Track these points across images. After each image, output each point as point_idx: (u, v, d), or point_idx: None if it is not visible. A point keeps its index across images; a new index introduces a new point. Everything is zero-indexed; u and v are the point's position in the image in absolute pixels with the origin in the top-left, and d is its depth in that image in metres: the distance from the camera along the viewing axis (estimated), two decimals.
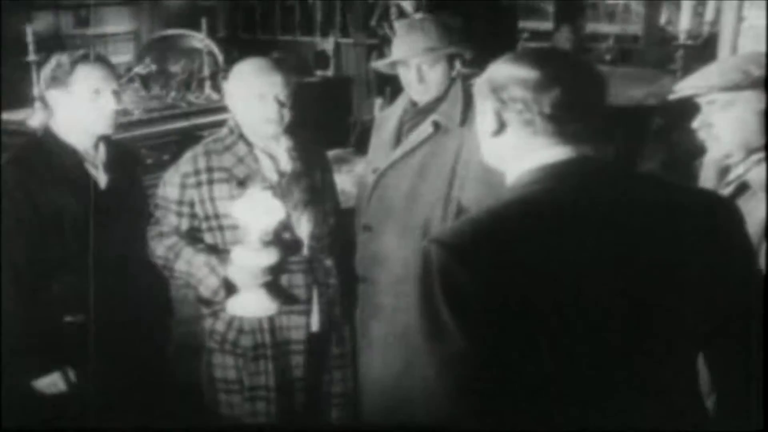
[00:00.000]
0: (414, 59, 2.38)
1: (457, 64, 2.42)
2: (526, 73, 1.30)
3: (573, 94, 1.29)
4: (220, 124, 2.44)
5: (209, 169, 2.29)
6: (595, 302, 1.22)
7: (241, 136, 2.32)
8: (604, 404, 1.26)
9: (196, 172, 2.29)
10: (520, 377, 1.20)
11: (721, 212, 1.35)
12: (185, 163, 2.32)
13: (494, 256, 1.20)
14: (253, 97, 2.25)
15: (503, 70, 1.34)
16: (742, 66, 1.91)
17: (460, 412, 1.23)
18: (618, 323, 1.24)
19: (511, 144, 1.34)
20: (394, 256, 2.40)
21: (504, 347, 1.19)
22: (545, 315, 1.20)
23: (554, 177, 1.29)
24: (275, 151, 2.35)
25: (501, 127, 1.34)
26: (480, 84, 1.38)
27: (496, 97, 1.33)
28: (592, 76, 1.35)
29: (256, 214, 2.15)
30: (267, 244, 2.18)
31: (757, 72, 1.88)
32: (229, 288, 2.26)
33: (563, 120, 1.29)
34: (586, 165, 1.31)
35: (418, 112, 2.45)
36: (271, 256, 2.19)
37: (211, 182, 2.29)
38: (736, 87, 1.89)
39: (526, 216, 1.25)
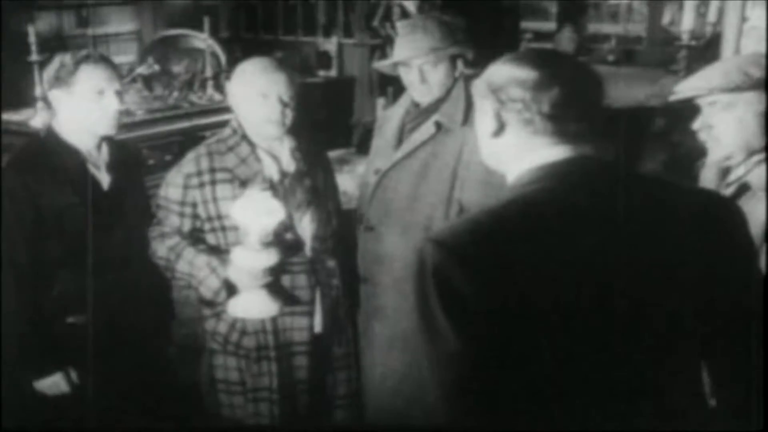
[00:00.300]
0: (416, 60, 2.38)
1: (460, 65, 2.41)
2: (525, 73, 1.31)
3: (571, 93, 1.30)
4: (223, 124, 2.43)
5: (212, 170, 2.28)
6: (593, 302, 1.22)
7: (244, 137, 2.31)
8: (604, 404, 1.26)
9: (199, 173, 2.28)
10: (516, 377, 1.20)
11: (722, 213, 1.36)
12: (188, 163, 2.31)
13: (491, 255, 1.21)
14: (256, 96, 2.24)
15: (502, 71, 1.35)
16: (743, 67, 1.91)
17: (457, 412, 1.23)
18: (617, 323, 1.24)
19: (511, 144, 1.34)
20: (396, 257, 2.40)
21: (500, 347, 1.19)
22: (543, 315, 1.20)
23: (554, 176, 1.29)
24: (278, 152, 2.34)
25: (500, 127, 1.34)
26: (479, 85, 1.39)
27: (495, 97, 1.33)
28: (589, 77, 1.36)
29: (255, 215, 2.14)
30: (267, 245, 2.17)
31: (758, 73, 1.88)
32: (231, 289, 2.25)
33: (562, 119, 1.29)
34: (586, 164, 1.31)
35: (420, 113, 2.45)
36: (271, 257, 2.18)
37: (213, 183, 2.28)
38: (737, 88, 1.89)
39: (524, 215, 1.26)
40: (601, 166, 1.32)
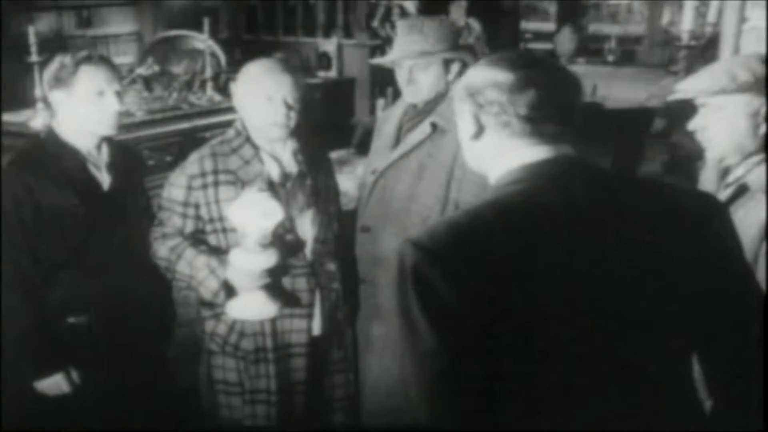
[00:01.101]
0: (406, 61, 2.37)
1: (455, 68, 2.40)
2: (501, 76, 1.33)
3: (547, 95, 1.31)
4: (223, 125, 2.43)
5: (215, 172, 2.27)
6: (574, 301, 1.23)
7: (248, 139, 2.30)
8: (593, 407, 1.26)
9: (203, 174, 2.27)
10: (493, 377, 1.21)
11: (706, 210, 1.36)
12: (191, 164, 2.30)
13: (469, 255, 1.22)
14: (261, 98, 2.23)
15: (479, 75, 1.37)
16: (729, 70, 1.91)
17: (434, 409, 1.24)
18: (598, 321, 1.25)
19: (491, 146, 1.36)
20: (393, 257, 2.38)
21: (477, 347, 1.20)
22: (523, 315, 1.21)
23: (532, 176, 1.31)
24: (280, 154, 2.34)
25: (480, 130, 1.36)
26: (458, 89, 1.42)
27: (473, 101, 1.36)
28: (566, 78, 1.37)
29: (253, 217, 2.13)
30: (265, 246, 2.17)
31: (745, 76, 1.88)
32: (230, 290, 2.24)
33: (539, 121, 1.31)
34: (565, 164, 1.32)
35: (417, 114, 2.44)
36: (269, 259, 2.17)
37: (216, 184, 2.27)
38: (723, 91, 1.89)
39: (502, 215, 1.27)
40: (580, 165, 1.34)
